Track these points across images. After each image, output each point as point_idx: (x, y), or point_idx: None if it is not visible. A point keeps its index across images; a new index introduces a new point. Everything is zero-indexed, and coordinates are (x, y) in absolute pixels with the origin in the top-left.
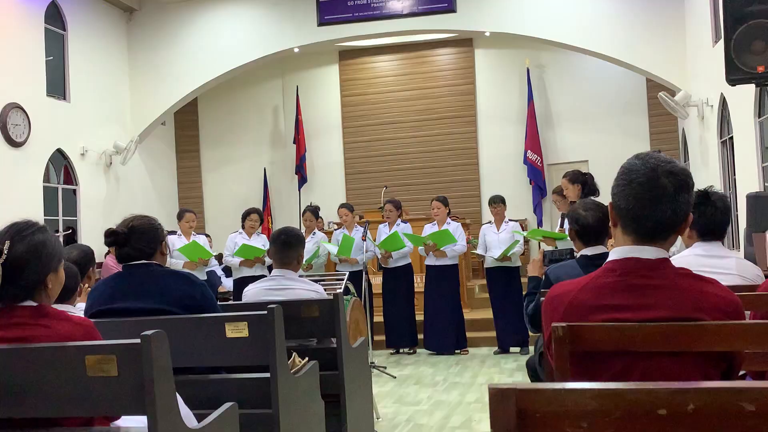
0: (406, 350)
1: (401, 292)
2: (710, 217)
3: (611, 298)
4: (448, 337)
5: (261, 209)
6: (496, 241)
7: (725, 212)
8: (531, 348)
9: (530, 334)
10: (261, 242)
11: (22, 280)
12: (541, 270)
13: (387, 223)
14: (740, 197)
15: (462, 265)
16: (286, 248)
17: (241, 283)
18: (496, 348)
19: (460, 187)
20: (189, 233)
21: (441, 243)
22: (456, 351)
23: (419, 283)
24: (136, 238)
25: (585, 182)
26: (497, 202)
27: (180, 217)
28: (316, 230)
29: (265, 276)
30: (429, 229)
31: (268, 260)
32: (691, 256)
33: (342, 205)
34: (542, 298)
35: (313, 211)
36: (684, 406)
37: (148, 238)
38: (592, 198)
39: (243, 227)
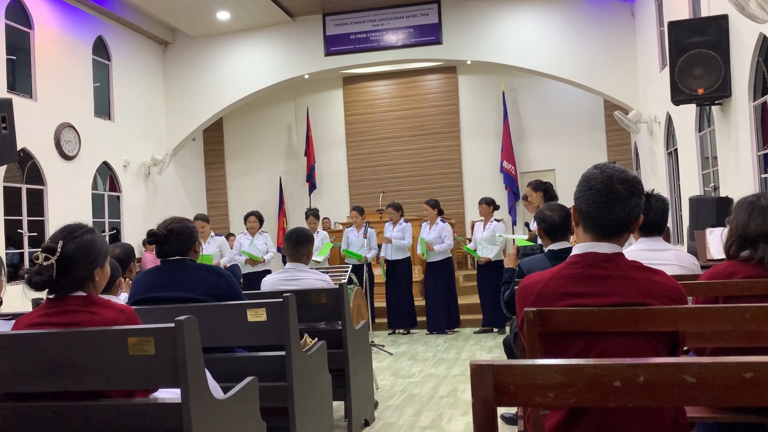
0: (401, 331)
1: (402, 281)
2: (650, 216)
3: (574, 287)
4: (443, 319)
5: (260, 212)
6: (479, 239)
7: (663, 212)
8: (507, 328)
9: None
10: (263, 240)
11: (73, 273)
12: (515, 262)
13: (391, 222)
14: (684, 200)
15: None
16: (298, 246)
17: (248, 278)
18: (478, 328)
19: (446, 192)
20: (204, 237)
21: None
22: (447, 330)
23: (416, 274)
24: (173, 239)
25: (546, 190)
26: (480, 203)
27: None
28: (319, 230)
29: (269, 271)
30: (425, 227)
31: (267, 257)
32: (636, 251)
33: (353, 208)
34: (516, 287)
35: (315, 214)
36: (635, 378)
37: (184, 239)
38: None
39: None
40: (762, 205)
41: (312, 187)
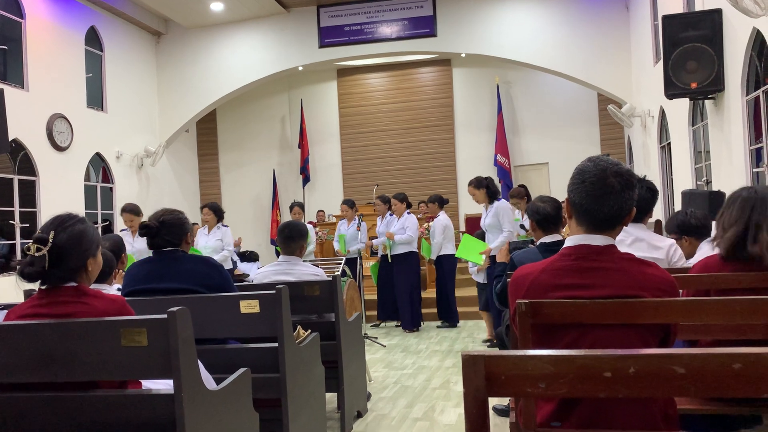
0: (389, 324)
1: (390, 275)
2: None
3: (566, 279)
4: (392, 312)
5: (217, 204)
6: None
7: (647, 201)
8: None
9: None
10: (218, 236)
11: (65, 264)
12: (507, 257)
13: (382, 216)
14: (676, 194)
15: None
16: (289, 241)
17: None
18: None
19: (439, 185)
20: (134, 231)
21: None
22: (412, 329)
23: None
24: (166, 231)
25: (488, 186)
26: (427, 203)
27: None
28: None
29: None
30: (392, 220)
31: (218, 257)
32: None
33: (343, 201)
34: (509, 279)
35: (300, 205)
36: (626, 369)
37: (176, 230)
38: (498, 197)
39: None
40: (743, 197)
41: (306, 179)
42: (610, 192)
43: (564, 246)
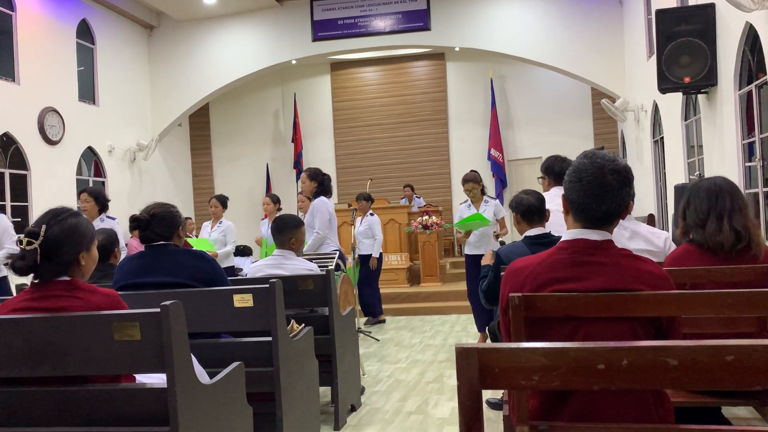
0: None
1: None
2: None
3: (562, 272)
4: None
5: (96, 189)
6: (357, 234)
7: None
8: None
9: None
10: (109, 224)
11: (57, 258)
12: (492, 261)
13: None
14: (669, 188)
15: (436, 245)
16: (277, 233)
17: None
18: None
19: (433, 179)
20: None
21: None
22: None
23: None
24: (156, 224)
25: (322, 182)
26: (358, 199)
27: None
28: (223, 220)
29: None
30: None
31: (225, 252)
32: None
33: (267, 194)
34: (501, 274)
35: (219, 198)
36: (619, 361)
37: (166, 223)
38: (324, 196)
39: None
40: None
41: (299, 173)
42: (608, 191)
43: (561, 240)
